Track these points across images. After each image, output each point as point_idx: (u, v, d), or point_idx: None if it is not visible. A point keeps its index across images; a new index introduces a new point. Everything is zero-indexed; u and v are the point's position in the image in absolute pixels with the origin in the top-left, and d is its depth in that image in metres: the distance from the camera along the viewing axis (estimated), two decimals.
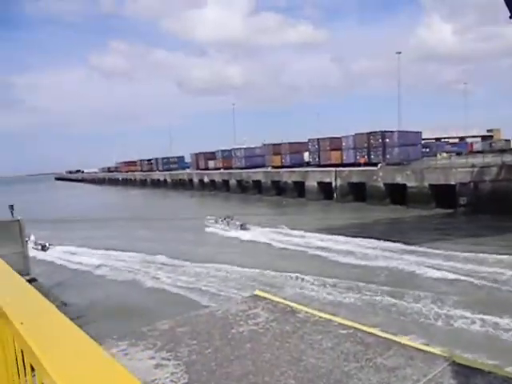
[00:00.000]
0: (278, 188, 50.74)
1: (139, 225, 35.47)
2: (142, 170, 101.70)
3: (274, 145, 60.24)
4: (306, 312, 4.76)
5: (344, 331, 4.12)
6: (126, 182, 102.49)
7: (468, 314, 12.55)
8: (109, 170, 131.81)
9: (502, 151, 51.08)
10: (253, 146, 69.95)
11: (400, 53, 62.53)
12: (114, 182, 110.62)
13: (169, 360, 3.80)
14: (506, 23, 21.82)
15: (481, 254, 18.71)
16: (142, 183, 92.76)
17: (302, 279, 16.81)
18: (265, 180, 53.73)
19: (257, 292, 5.68)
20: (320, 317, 4.59)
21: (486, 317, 12.22)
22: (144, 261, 21.73)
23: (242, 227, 28.65)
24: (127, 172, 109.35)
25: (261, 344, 3.98)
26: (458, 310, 12.90)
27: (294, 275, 17.27)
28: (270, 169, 56.99)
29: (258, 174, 56.07)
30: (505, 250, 19.19)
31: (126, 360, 3.84)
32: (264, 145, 66.66)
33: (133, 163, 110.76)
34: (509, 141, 72.28)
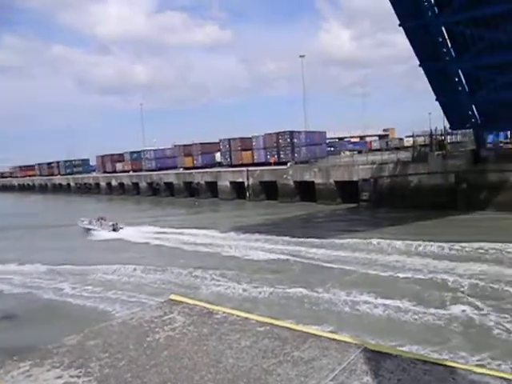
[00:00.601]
0: (191, 189, 50.29)
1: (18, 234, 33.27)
2: (41, 175, 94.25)
3: (185, 146, 59.58)
4: (224, 312, 4.74)
5: (261, 328, 4.16)
6: (24, 188, 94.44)
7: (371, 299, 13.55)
8: (2, 175, 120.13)
9: (397, 149, 55.91)
10: (163, 148, 68.50)
11: (303, 56, 65.39)
12: (8, 189, 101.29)
13: (78, 377, 3.53)
14: (396, 31, 23.87)
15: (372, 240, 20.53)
16: (42, 189, 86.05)
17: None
18: (177, 181, 52.90)
19: (172, 296, 5.52)
20: (237, 316, 4.59)
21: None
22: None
23: (115, 228, 28.74)
24: (24, 177, 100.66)
25: (178, 350, 3.86)
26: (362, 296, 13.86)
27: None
28: (181, 170, 56.24)
29: (169, 176, 55.01)
30: (397, 236, 21.49)
31: (29, 383, 3.49)
32: (175, 146, 65.61)
33: (30, 167, 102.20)
34: (402, 139, 79.18)
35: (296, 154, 45.16)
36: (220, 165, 53.03)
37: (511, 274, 14.94)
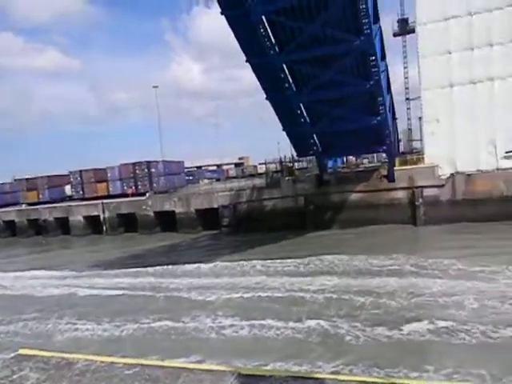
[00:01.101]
0: (37, 227, 45.17)
1: None
2: None
3: (28, 179, 53.60)
4: (85, 360, 4.33)
5: (130, 371, 3.91)
6: None
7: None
8: None
9: (252, 176, 59.08)
10: (1, 182, 60.56)
11: (157, 87, 65.46)
12: None
13: None
14: (244, 66, 25.61)
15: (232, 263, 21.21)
16: None
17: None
18: (19, 219, 46.99)
19: (21, 351, 4.84)
20: (101, 362, 4.24)
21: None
22: None
23: None
24: None
25: None
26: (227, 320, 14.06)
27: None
28: (24, 206, 50.28)
29: (9, 214, 48.64)
30: (257, 257, 22.59)
31: None
32: (15, 180, 58.55)
33: None
34: (256, 166, 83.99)
35: (154, 184, 44.32)
36: (71, 198, 48.99)
37: (357, 285, 16.83)
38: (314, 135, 29.53)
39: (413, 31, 36.59)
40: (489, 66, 27.43)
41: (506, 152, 27.63)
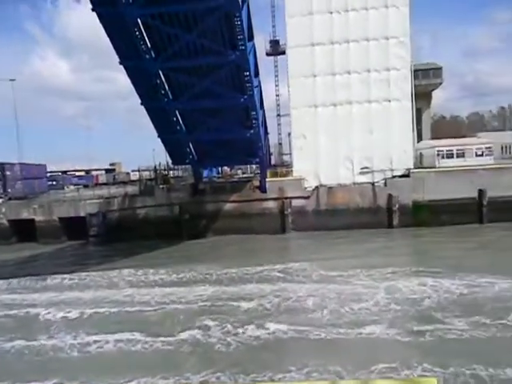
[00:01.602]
0: None
1: None
2: None
3: None
4: None
5: None
6: None
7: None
8: None
9: (124, 183, 56.48)
10: None
11: (14, 80, 58.50)
12: None
13: None
14: (119, 68, 24.51)
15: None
16: None
17: None
18: None
19: None
20: None
21: None
22: None
23: None
24: None
25: None
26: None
27: None
28: None
29: None
30: (129, 268, 21.59)
31: None
32: None
33: None
34: (129, 173, 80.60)
35: (9, 189, 39.52)
36: None
37: (231, 292, 17.18)
38: (190, 144, 29.57)
39: (284, 53, 39.15)
40: (348, 91, 30.70)
41: (361, 168, 31.10)
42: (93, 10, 20.30)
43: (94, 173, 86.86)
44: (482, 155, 38.43)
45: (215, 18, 20.14)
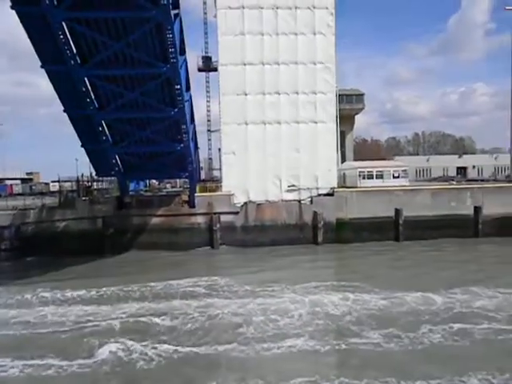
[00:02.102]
0: None
1: None
2: None
3: None
4: None
5: None
6: None
7: None
8: None
9: (43, 194, 52.84)
10: None
11: None
12: None
13: None
14: (41, 72, 23.08)
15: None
16: None
17: None
18: None
19: None
20: None
21: None
22: None
23: None
24: None
25: None
26: None
27: None
28: None
29: None
30: (44, 285, 20.10)
31: None
32: None
33: None
34: (48, 184, 75.70)
35: None
36: None
37: (154, 308, 16.63)
38: (116, 155, 28.54)
39: (216, 69, 39.52)
40: (278, 111, 31.66)
41: (289, 186, 31.98)
42: (12, 7, 19.01)
43: (7, 182, 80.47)
44: (398, 177, 41.34)
45: (146, 28, 19.85)
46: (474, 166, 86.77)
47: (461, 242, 29.58)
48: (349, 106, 56.49)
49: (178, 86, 22.99)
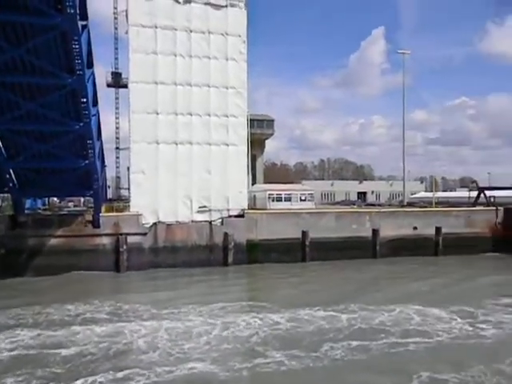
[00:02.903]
0: None
1: None
2: None
3: None
4: None
5: None
6: None
7: None
8: None
9: None
10: None
11: None
12: None
13: None
14: None
15: None
16: None
17: None
18: None
19: None
20: None
21: None
22: None
23: None
24: None
25: None
26: None
27: None
28: None
29: None
30: None
31: None
32: None
33: None
34: None
35: None
36: None
37: (49, 337, 15.20)
38: (11, 170, 26.10)
39: (126, 86, 38.47)
40: (190, 132, 31.57)
41: (200, 207, 31.75)
42: None
43: None
44: (305, 200, 43.31)
45: (50, 36, 18.68)
46: (372, 192, 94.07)
47: (361, 262, 31.61)
48: (260, 130, 58.41)
49: (84, 100, 21.85)
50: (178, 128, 31.34)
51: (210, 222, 31.69)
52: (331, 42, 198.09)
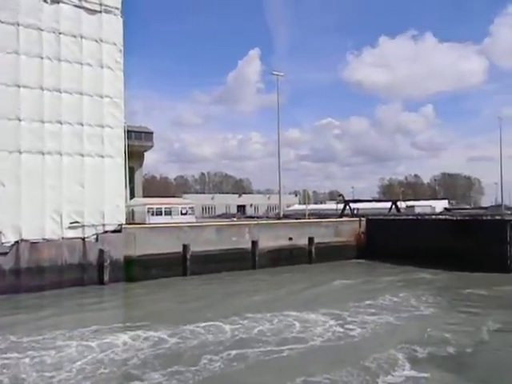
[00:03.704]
0: None
1: None
2: None
3: None
4: None
5: None
6: None
7: None
8: None
9: None
10: None
11: None
12: None
13: None
14: None
15: None
16: None
17: None
18: None
19: None
20: None
21: None
22: None
23: None
24: None
25: None
26: None
27: None
28: None
29: None
30: None
31: None
32: None
33: None
34: None
35: None
36: None
37: None
38: None
39: None
40: (59, 142, 28.98)
41: (71, 223, 29.25)
42: None
43: None
44: (186, 214, 42.97)
45: None
46: (251, 205, 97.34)
47: (241, 273, 32.30)
48: (138, 142, 56.52)
49: None
50: (45, 136, 28.57)
51: (84, 239, 29.40)
52: (210, 60, 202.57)
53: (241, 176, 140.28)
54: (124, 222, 31.57)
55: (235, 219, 50.89)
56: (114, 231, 30.67)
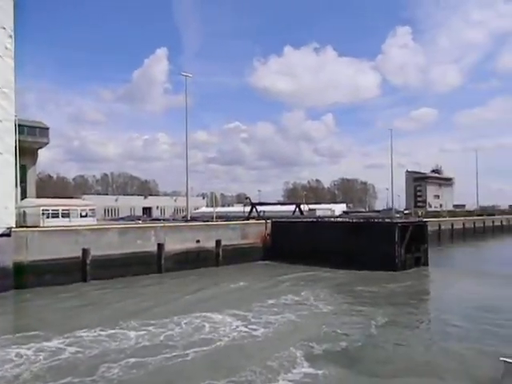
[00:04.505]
0: None
1: None
2: None
3: None
4: None
5: None
6: None
7: None
8: None
9: None
10: None
11: None
12: None
13: None
14: None
15: None
16: None
17: None
18: None
19: None
20: None
21: None
22: None
23: None
24: None
25: None
26: None
27: None
28: None
29: None
30: None
31: None
32: None
33: None
34: None
35: None
36: None
37: None
38: None
39: None
40: None
41: None
42: None
43: None
44: (86, 216, 40.51)
45: None
46: (157, 207, 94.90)
47: (146, 277, 31.29)
48: (31, 138, 52.03)
49: None
50: None
51: None
52: (113, 53, 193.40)
53: (147, 177, 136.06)
54: (14, 225, 28.82)
55: (140, 222, 49.24)
56: (2, 235, 27.81)
